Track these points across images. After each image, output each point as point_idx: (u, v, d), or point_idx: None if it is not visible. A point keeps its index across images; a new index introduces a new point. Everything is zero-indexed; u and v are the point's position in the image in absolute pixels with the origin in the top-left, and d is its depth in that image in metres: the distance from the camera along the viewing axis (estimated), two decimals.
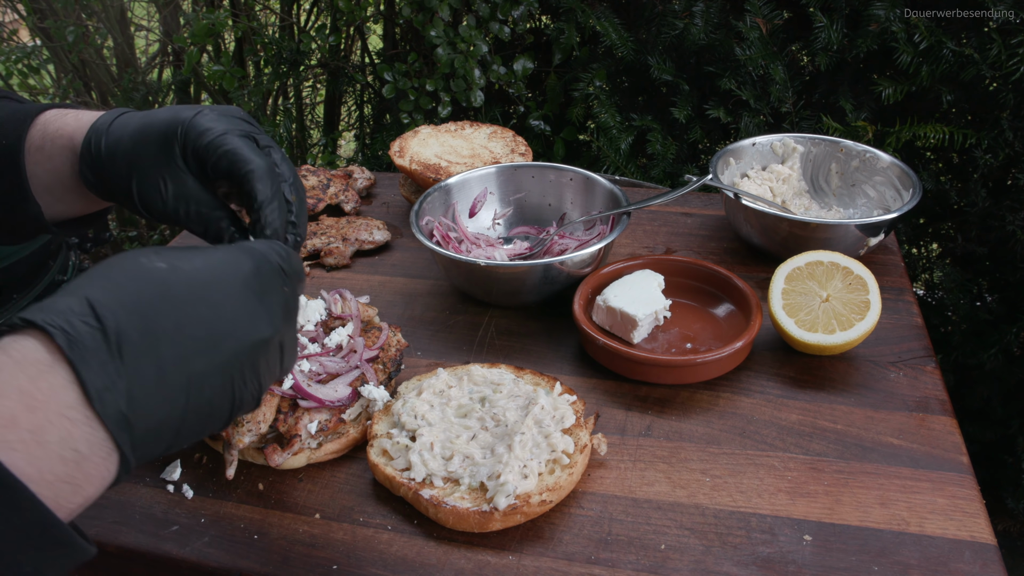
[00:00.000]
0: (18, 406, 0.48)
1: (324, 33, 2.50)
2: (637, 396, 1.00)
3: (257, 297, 0.61)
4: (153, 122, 0.76)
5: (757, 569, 0.77)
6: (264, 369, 0.62)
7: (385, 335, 1.01)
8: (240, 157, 0.73)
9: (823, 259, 1.06)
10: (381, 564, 0.79)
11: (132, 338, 0.52)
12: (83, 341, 0.51)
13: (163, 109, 0.79)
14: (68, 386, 0.50)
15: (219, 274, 0.60)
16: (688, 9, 1.95)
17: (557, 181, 1.32)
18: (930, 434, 0.92)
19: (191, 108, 0.77)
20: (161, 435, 0.55)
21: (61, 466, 0.49)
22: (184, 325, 0.56)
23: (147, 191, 0.76)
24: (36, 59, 3.00)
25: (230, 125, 0.75)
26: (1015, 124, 1.68)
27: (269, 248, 0.67)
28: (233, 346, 0.58)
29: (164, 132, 0.75)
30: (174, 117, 0.76)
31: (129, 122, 0.78)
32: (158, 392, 0.53)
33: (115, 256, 0.59)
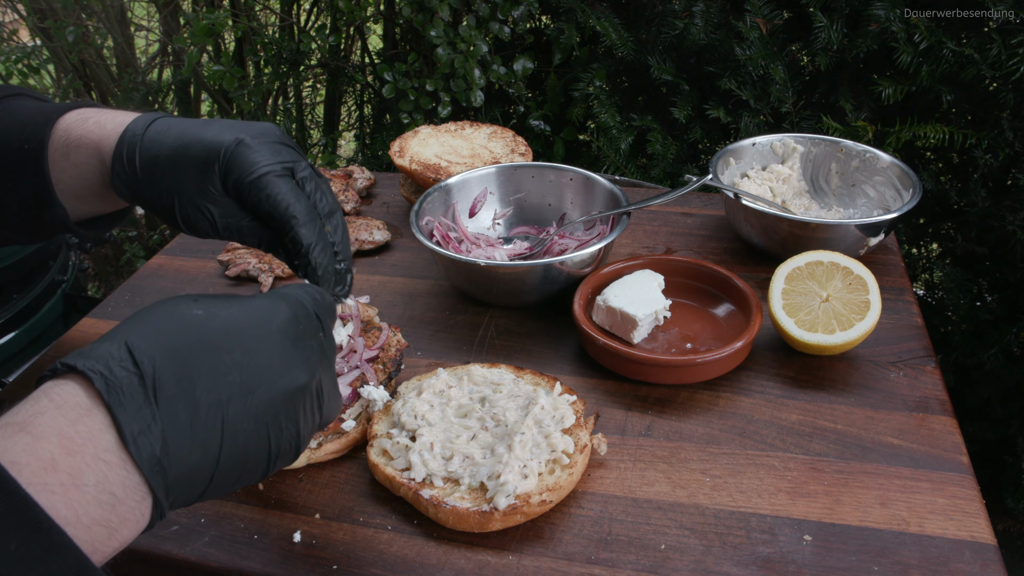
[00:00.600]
0: (57, 449, 0.49)
1: (324, 33, 2.50)
2: (637, 396, 1.00)
3: (293, 344, 0.62)
4: (191, 147, 0.76)
5: (757, 569, 0.77)
6: (302, 417, 0.62)
7: (385, 335, 1.01)
8: (281, 203, 0.74)
9: (823, 259, 1.06)
10: (381, 564, 0.79)
11: (167, 383, 0.53)
12: (120, 385, 0.52)
13: (198, 126, 0.78)
14: (105, 430, 0.51)
15: (255, 321, 0.60)
16: (688, 9, 1.95)
17: (557, 181, 1.32)
18: (930, 434, 0.92)
19: (230, 129, 0.77)
20: (195, 480, 0.55)
21: (97, 509, 0.50)
22: (219, 371, 0.56)
23: (191, 215, 0.77)
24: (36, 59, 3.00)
25: (271, 159, 0.76)
26: (1015, 124, 1.68)
27: (304, 293, 0.67)
28: (268, 393, 0.58)
29: (204, 160, 0.75)
30: (214, 144, 0.75)
31: (164, 139, 0.77)
32: (192, 437, 0.54)
33: (155, 303, 0.60)
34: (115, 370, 0.52)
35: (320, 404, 0.65)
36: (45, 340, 1.86)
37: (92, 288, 3.27)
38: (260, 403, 0.58)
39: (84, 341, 1.15)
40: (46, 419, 0.50)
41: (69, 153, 0.80)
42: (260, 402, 0.58)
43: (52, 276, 1.95)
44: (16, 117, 0.82)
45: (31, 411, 0.51)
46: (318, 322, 0.66)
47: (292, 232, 0.75)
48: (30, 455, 0.48)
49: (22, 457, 0.48)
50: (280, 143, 0.78)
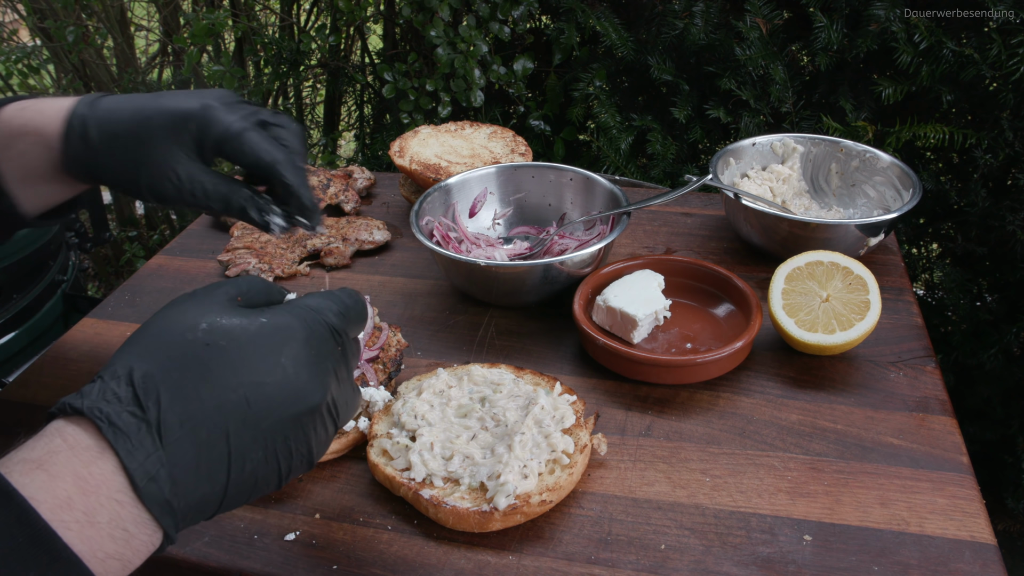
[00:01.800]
0: (73, 489, 0.51)
1: (324, 33, 2.50)
2: (637, 396, 1.00)
3: (306, 367, 0.61)
4: (154, 117, 0.78)
5: (757, 569, 0.77)
6: (313, 435, 0.63)
7: (385, 335, 1.01)
8: (264, 152, 0.79)
9: (823, 259, 1.06)
10: (381, 564, 0.79)
11: (173, 426, 0.55)
12: (128, 433, 0.54)
13: (153, 98, 0.80)
14: (116, 472, 0.53)
15: (264, 350, 0.60)
16: (688, 9, 1.95)
17: (557, 181, 1.32)
18: (930, 434, 0.92)
19: (189, 97, 0.80)
20: (204, 509, 0.58)
21: (111, 544, 0.52)
22: (225, 409, 0.57)
23: (158, 183, 0.79)
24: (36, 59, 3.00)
25: (241, 115, 0.80)
26: (1015, 124, 1.68)
27: (325, 305, 0.66)
28: (276, 421, 0.59)
29: (172, 127, 0.78)
30: (180, 111, 0.78)
31: (119, 114, 0.79)
32: (198, 474, 0.56)
33: (163, 317, 0.61)
34: (122, 416, 0.54)
35: (335, 416, 0.65)
36: (45, 340, 1.86)
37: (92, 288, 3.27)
38: (268, 432, 0.59)
39: (84, 341, 1.15)
40: (61, 459, 0.52)
41: (11, 143, 0.80)
42: (268, 431, 0.59)
43: (52, 276, 1.95)
44: None
45: (46, 449, 0.53)
46: (334, 338, 0.65)
47: (279, 176, 0.80)
48: (47, 493, 0.51)
49: (39, 494, 0.50)
50: (240, 102, 0.82)
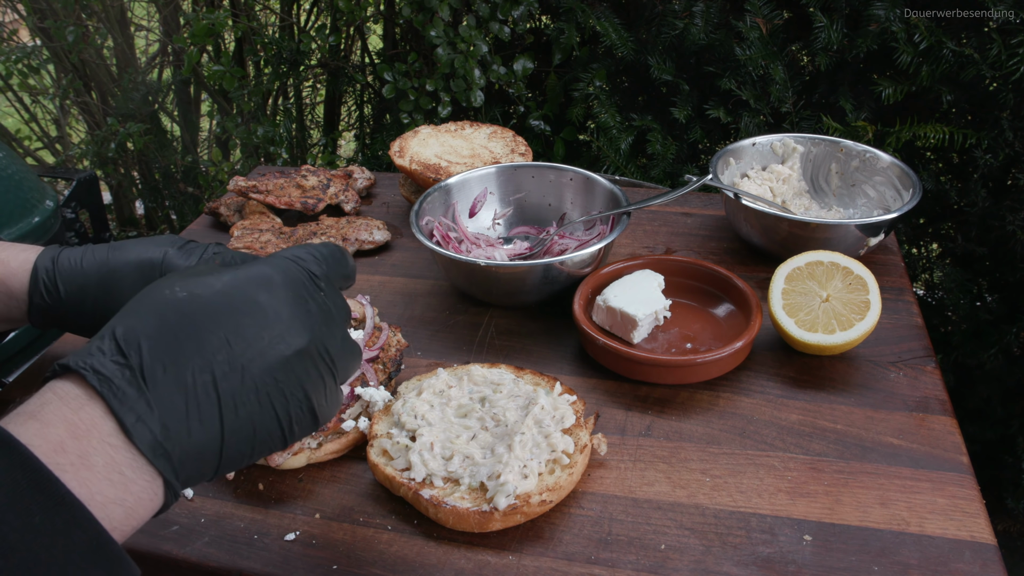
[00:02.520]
0: (65, 434, 0.52)
1: (324, 33, 2.50)
2: (637, 396, 1.00)
3: (286, 306, 0.62)
4: (119, 269, 0.80)
5: (757, 569, 0.77)
6: (308, 380, 0.62)
7: (385, 335, 1.01)
8: None
9: (823, 259, 1.06)
10: (381, 564, 0.79)
11: (156, 370, 0.56)
12: (111, 378, 0.55)
13: (113, 250, 0.82)
14: (105, 417, 0.54)
15: (240, 295, 0.61)
16: (688, 9, 1.95)
17: (557, 181, 1.32)
18: (930, 434, 0.92)
19: (150, 247, 0.81)
20: (204, 457, 0.57)
21: (110, 488, 0.53)
22: (206, 351, 0.57)
23: None
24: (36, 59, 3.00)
25: (196, 255, 0.82)
26: (1015, 124, 1.68)
27: (304, 253, 0.67)
28: (262, 364, 0.59)
29: (139, 277, 0.80)
30: (145, 260, 0.80)
31: (84, 268, 0.81)
32: (189, 417, 0.56)
33: (145, 289, 0.61)
34: (106, 365, 0.55)
35: (332, 364, 0.64)
36: (45, 340, 1.86)
37: None
38: (256, 375, 0.59)
39: (84, 341, 1.15)
40: (51, 408, 0.53)
41: None
42: (256, 374, 0.59)
43: None
44: None
45: (38, 402, 0.54)
46: (314, 282, 0.66)
47: None
48: (40, 438, 0.51)
49: (33, 440, 0.51)
50: (185, 243, 0.83)
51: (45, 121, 3.53)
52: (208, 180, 2.88)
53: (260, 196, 1.42)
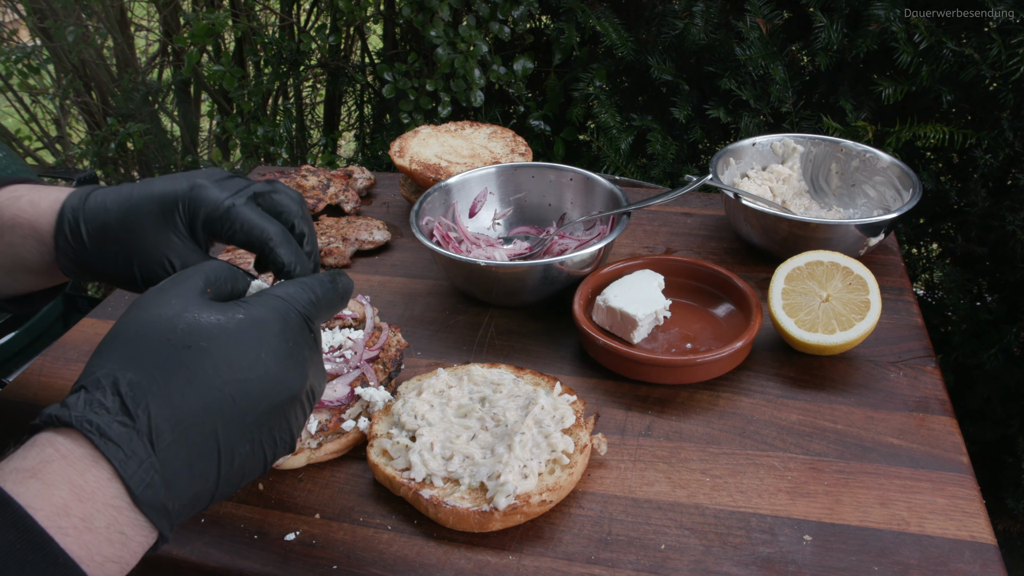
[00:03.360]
0: (69, 496, 0.53)
1: (324, 33, 2.50)
2: (637, 396, 1.00)
3: (285, 359, 0.64)
4: (141, 204, 0.78)
5: (757, 569, 0.77)
6: (294, 419, 0.65)
7: (385, 335, 1.01)
8: (255, 229, 0.77)
9: (823, 259, 1.06)
10: (381, 564, 0.79)
11: (164, 432, 0.56)
12: (119, 442, 0.55)
13: (140, 186, 0.79)
14: (111, 480, 0.54)
15: (244, 347, 0.61)
16: (688, 9, 1.95)
17: (557, 181, 1.32)
18: (930, 434, 0.92)
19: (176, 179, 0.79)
20: (196, 505, 0.60)
21: (109, 547, 0.54)
22: (212, 408, 0.59)
23: (152, 271, 0.79)
24: (36, 59, 3.00)
25: (230, 191, 0.79)
26: (1015, 124, 1.68)
27: (296, 294, 0.68)
28: (260, 413, 0.62)
29: (161, 211, 0.77)
30: (167, 194, 0.78)
31: (107, 205, 0.78)
32: (191, 473, 0.58)
33: (136, 323, 0.61)
34: (113, 427, 0.55)
35: (312, 399, 0.68)
36: (45, 340, 1.86)
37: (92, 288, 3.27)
38: (252, 424, 0.61)
39: (84, 341, 1.15)
40: (55, 468, 0.53)
41: (2, 233, 0.80)
42: (253, 424, 0.61)
43: None
44: None
45: (38, 459, 0.54)
46: (308, 326, 0.67)
47: (272, 254, 0.79)
48: (43, 500, 0.52)
49: (35, 502, 0.51)
50: (227, 177, 0.81)
51: (45, 121, 3.53)
52: None
53: None
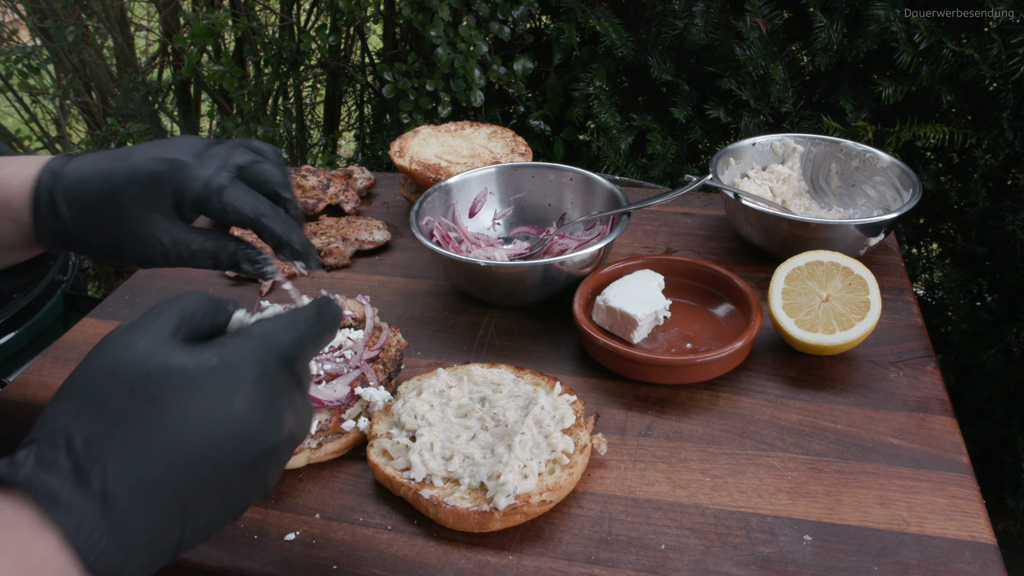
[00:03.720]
0: (15, 568, 0.47)
1: (324, 33, 2.50)
2: (637, 396, 1.00)
3: (261, 408, 0.56)
4: (124, 184, 0.74)
5: (757, 569, 0.77)
6: (269, 471, 0.58)
7: (385, 335, 1.01)
8: (246, 208, 0.76)
9: (823, 259, 1.06)
10: (381, 564, 0.79)
11: (119, 492, 0.50)
12: (70, 506, 0.49)
13: (118, 159, 0.75)
14: (61, 549, 0.48)
15: (215, 397, 0.54)
16: (688, 9, 1.95)
17: (557, 181, 1.32)
18: (930, 434, 0.92)
19: (155, 154, 0.75)
20: (157, 563, 0.53)
21: None
22: (176, 464, 0.52)
23: (143, 250, 0.76)
24: (36, 59, 3.00)
25: (215, 169, 0.76)
26: (1015, 124, 1.68)
27: (278, 332, 0.59)
28: (229, 467, 0.54)
29: (146, 192, 0.74)
30: (151, 173, 0.74)
31: (87, 183, 0.74)
32: (149, 534, 0.52)
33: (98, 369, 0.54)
34: (65, 489, 0.49)
35: (292, 444, 0.60)
36: (45, 340, 1.86)
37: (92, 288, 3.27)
38: (222, 480, 0.54)
39: (84, 341, 1.15)
40: None
41: None
42: (222, 478, 0.54)
43: (52, 276, 1.95)
44: None
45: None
46: (288, 370, 0.59)
47: (266, 230, 0.78)
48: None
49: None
50: (207, 148, 0.78)
51: (45, 121, 3.53)
52: None
53: None
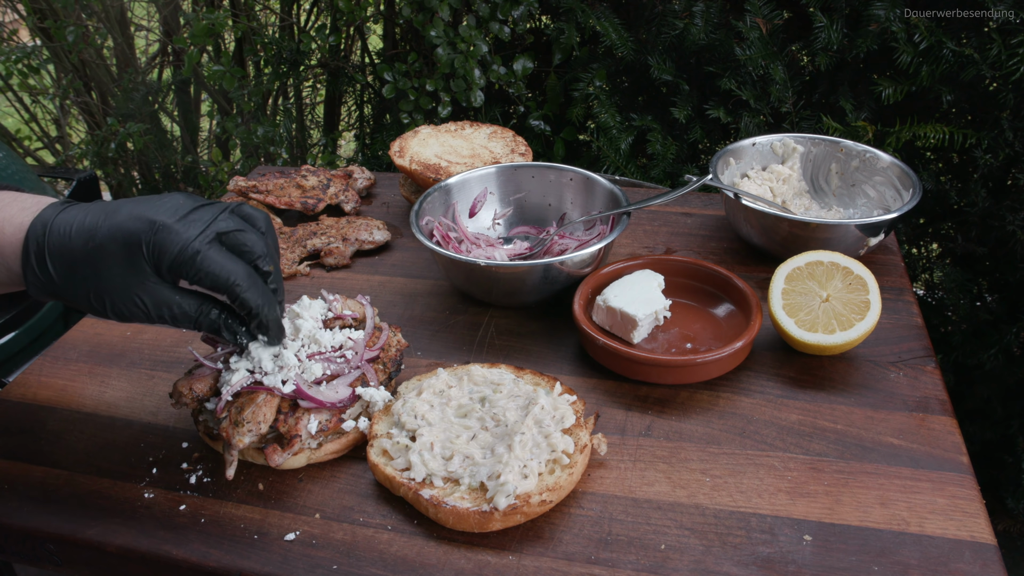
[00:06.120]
0: None
1: (324, 33, 2.50)
2: (637, 396, 1.00)
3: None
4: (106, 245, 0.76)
5: (757, 569, 0.77)
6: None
7: (385, 335, 1.01)
8: (220, 275, 0.77)
9: (823, 259, 1.06)
10: (381, 564, 0.79)
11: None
12: None
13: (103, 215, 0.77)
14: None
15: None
16: (688, 9, 1.95)
17: (557, 181, 1.32)
18: (930, 434, 0.92)
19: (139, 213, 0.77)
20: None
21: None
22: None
23: (125, 309, 0.78)
24: (36, 59, 3.00)
25: (194, 232, 0.77)
26: (1015, 124, 1.68)
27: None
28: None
29: (127, 254, 0.76)
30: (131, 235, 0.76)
31: (72, 239, 0.76)
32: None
33: None
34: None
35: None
36: (45, 340, 1.86)
37: None
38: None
39: (84, 341, 1.15)
40: None
41: None
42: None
43: None
44: None
45: None
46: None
47: (238, 299, 0.79)
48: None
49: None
50: (191, 211, 0.78)
51: (45, 121, 3.53)
52: (208, 180, 2.88)
53: (260, 196, 1.42)
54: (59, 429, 0.99)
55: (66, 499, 0.89)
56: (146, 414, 1.01)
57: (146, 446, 0.96)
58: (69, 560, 0.86)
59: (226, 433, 0.85)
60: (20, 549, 0.87)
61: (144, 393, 1.04)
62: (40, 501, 0.88)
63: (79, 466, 0.93)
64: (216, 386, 0.91)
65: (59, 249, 0.76)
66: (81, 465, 0.93)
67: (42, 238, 0.77)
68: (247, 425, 0.85)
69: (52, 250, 0.76)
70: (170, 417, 1.00)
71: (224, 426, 0.86)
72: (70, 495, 0.89)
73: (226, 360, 0.92)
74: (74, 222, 0.77)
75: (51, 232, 0.77)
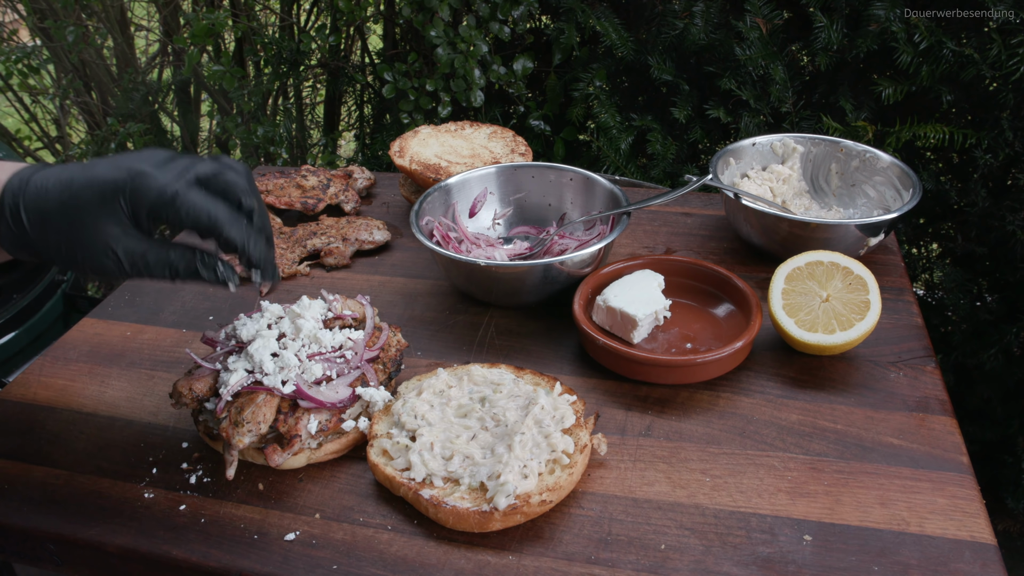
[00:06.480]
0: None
1: (324, 33, 2.50)
2: (637, 396, 1.00)
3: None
4: (81, 193, 0.76)
5: (757, 569, 0.77)
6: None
7: (385, 335, 1.01)
8: (201, 213, 0.76)
9: (823, 259, 1.06)
10: (381, 564, 0.79)
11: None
12: None
13: (80, 169, 0.78)
14: None
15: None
16: (688, 9, 1.95)
17: (557, 181, 1.32)
18: (930, 434, 0.92)
19: (117, 164, 0.77)
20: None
21: None
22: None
23: (97, 261, 0.77)
24: (36, 59, 3.00)
25: (173, 174, 0.77)
26: (1015, 124, 1.68)
27: None
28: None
29: (102, 201, 0.75)
30: (109, 183, 0.76)
31: (47, 192, 0.76)
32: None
33: None
34: None
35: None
36: (45, 340, 1.86)
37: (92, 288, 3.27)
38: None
39: (84, 341, 1.15)
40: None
41: None
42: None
43: (52, 276, 1.95)
44: None
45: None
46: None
47: (222, 237, 0.78)
48: None
49: None
50: (170, 160, 0.79)
51: (45, 121, 3.53)
52: None
53: None
54: (59, 429, 0.99)
55: (66, 499, 0.89)
56: (146, 414, 1.01)
57: (146, 446, 0.96)
58: (69, 560, 0.86)
59: (226, 433, 0.85)
60: (20, 549, 0.87)
61: (144, 393, 1.04)
62: (40, 501, 0.88)
63: (79, 466, 0.93)
64: (216, 386, 0.91)
65: (35, 202, 0.76)
66: (81, 465, 0.93)
67: (19, 191, 0.77)
68: (247, 425, 0.85)
69: (28, 203, 0.76)
70: (170, 417, 1.00)
71: (224, 426, 0.86)
72: (70, 495, 0.89)
73: (225, 360, 0.92)
74: (52, 176, 0.78)
75: (29, 185, 0.77)
